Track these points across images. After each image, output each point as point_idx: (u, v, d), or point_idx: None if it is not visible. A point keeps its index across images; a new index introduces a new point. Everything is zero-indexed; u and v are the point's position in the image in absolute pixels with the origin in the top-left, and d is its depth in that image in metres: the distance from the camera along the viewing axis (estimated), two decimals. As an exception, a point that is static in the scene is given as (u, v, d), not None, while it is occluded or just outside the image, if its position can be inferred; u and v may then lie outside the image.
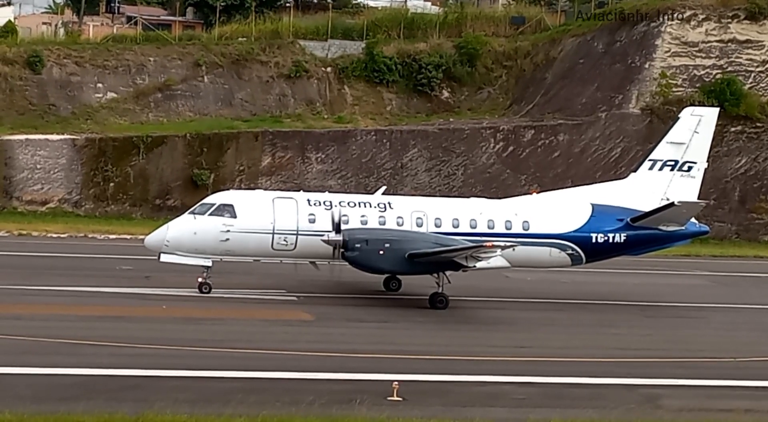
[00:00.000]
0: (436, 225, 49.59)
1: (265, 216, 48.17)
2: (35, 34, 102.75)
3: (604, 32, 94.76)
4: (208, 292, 47.99)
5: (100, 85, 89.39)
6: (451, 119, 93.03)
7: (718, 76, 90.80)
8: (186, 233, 47.68)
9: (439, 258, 47.10)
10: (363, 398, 29.41)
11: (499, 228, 50.39)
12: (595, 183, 59.93)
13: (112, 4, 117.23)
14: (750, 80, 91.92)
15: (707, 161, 55.10)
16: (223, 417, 26.91)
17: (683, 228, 53.31)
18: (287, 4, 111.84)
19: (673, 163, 53.78)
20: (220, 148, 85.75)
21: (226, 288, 48.73)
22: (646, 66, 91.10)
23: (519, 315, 47.93)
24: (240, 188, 76.36)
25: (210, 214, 47.97)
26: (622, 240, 52.14)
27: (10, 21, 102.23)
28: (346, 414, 27.83)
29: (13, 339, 35.93)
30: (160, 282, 50.56)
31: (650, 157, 54.27)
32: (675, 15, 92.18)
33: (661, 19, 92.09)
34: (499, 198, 57.16)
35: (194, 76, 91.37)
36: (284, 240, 48.11)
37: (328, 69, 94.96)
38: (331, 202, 49.03)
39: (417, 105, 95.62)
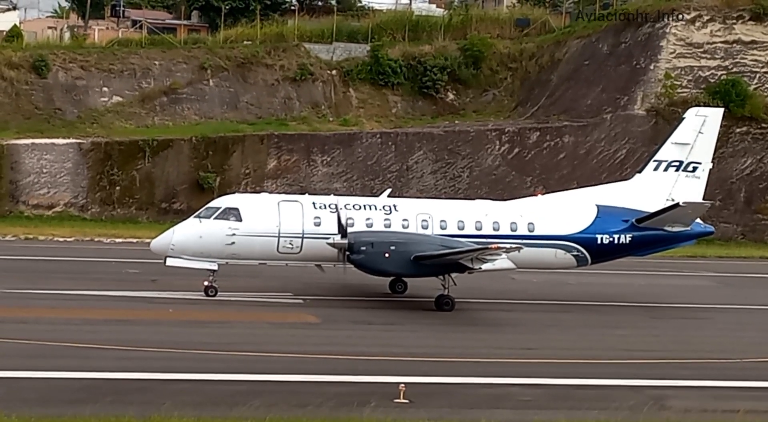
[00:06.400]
0: (442, 228, 49.57)
1: (271, 219, 48.19)
2: (41, 38, 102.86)
3: (608, 34, 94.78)
4: (214, 295, 48.01)
5: (105, 88, 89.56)
6: (456, 121, 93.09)
7: (723, 77, 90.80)
8: (192, 237, 47.69)
9: (445, 261, 47.07)
10: (370, 400, 29.42)
11: (505, 230, 50.38)
12: (601, 184, 59.93)
13: (118, 8, 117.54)
14: (755, 81, 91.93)
15: (712, 162, 55.12)
16: (230, 419, 26.95)
17: (688, 228, 53.30)
18: (292, 8, 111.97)
19: (678, 163, 53.78)
20: (225, 151, 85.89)
21: (232, 291, 48.75)
22: (651, 67, 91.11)
23: (525, 317, 47.93)
24: (245, 191, 76.37)
25: (215, 218, 47.98)
26: (627, 242, 52.13)
27: (15, 25, 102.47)
28: (352, 417, 27.85)
29: (20, 343, 35.99)
30: (167, 285, 50.64)
31: (655, 158, 54.26)
32: (680, 16, 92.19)
33: (665, 20, 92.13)
34: (505, 200, 57.16)
35: (199, 80, 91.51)
36: (289, 243, 48.12)
37: (333, 72, 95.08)
38: (336, 205, 49.00)
39: (422, 107, 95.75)
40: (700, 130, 53.89)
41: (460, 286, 48.94)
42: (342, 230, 46.90)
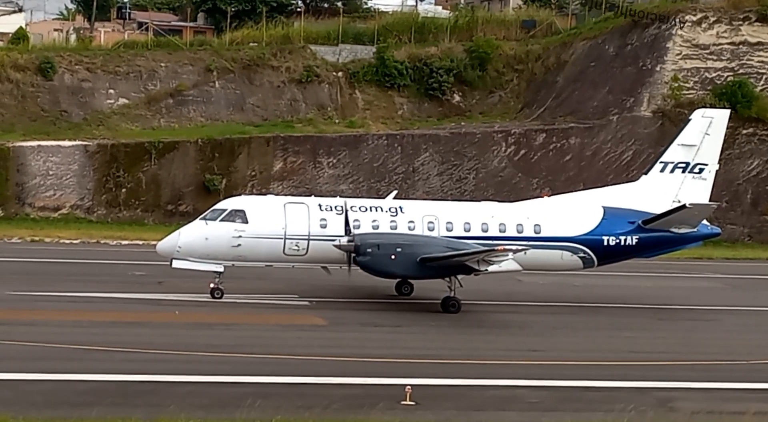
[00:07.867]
0: (448, 229, 49.53)
1: (277, 221, 48.17)
2: (47, 40, 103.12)
3: (615, 35, 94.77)
4: (221, 297, 47.99)
5: (111, 90, 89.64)
6: (462, 123, 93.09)
7: (729, 79, 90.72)
8: (198, 239, 47.69)
9: (451, 263, 46.98)
10: (376, 402, 29.40)
11: (511, 232, 50.31)
12: (607, 186, 59.85)
13: (124, 10, 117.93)
14: (762, 82, 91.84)
15: (719, 163, 55.03)
16: (237, 421, 26.94)
17: (695, 230, 53.21)
18: (298, 9, 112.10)
19: (684, 165, 53.71)
20: (231, 153, 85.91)
21: (238, 293, 48.75)
22: (658, 69, 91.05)
23: (531, 319, 47.85)
24: (252, 193, 76.43)
25: (222, 220, 47.97)
26: (633, 243, 52.07)
27: (21, 27, 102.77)
28: (359, 419, 27.83)
29: (26, 346, 35.98)
30: (173, 287, 50.61)
31: (661, 160, 54.19)
32: (686, 17, 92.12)
33: (672, 21, 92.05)
34: (511, 201, 57.09)
35: (205, 82, 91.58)
36: (296, 245, 48.10)
37: (340, 73, 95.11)
38: (343, 205, 48.93)
39: (428, 109, 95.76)
40: (706, 131, 53.80)
41: (467, 288, 48.90)
42: (348, 232, 46.87)
